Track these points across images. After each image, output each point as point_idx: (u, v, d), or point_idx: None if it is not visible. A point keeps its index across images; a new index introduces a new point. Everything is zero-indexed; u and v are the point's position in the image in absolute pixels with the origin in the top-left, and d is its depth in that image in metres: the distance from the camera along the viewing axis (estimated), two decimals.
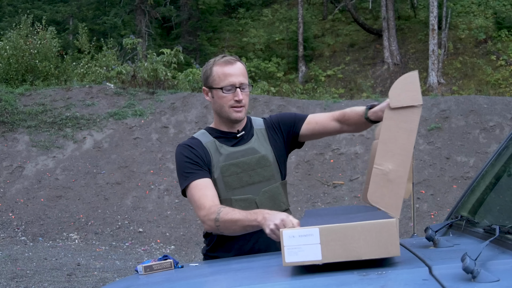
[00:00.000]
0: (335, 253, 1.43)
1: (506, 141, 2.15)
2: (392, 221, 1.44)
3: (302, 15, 21.52)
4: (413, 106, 1.65)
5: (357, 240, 1.42)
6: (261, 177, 2.20)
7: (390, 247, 1.42)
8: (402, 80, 1.68)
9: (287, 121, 2.30)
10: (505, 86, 17.76)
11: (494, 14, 20.37)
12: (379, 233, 1.42)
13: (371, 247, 1.42)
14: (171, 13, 23.58)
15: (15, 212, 9.12)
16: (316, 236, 1.43)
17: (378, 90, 19.17)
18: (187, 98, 11.84)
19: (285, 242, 1.45)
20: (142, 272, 1.91)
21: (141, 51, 14.21)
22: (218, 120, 2.26)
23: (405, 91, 1.67)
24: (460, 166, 9.85)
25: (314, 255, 1.43)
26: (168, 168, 10.13)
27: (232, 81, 2.16)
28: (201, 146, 2.20)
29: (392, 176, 1.61)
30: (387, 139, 1.65)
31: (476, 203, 2.14)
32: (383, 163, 1.63)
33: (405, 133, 1.64)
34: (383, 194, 1.61)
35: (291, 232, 1.45)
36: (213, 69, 2.20)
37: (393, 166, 1.61)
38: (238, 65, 2.19)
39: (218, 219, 2.01)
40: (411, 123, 1.64)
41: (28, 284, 5.89)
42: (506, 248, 1.49)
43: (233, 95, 2.16)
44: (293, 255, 1.44)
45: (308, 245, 1.43)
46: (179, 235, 8.63)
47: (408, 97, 1.66)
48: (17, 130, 10.89)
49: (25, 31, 14.30)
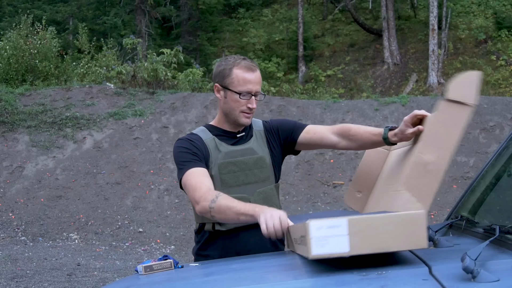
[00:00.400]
0: (363, 245, 1.39)
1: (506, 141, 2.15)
2: (422, 213, 1.42)
3: (302, 15, 21.52)
4: (467, 104, 1.65)
5: (386, 232, 1.39)
6: (257, 177, 2.22)
7: (418, 239, 1.40)
8: (465, 76, 1.68)
9: (286, 128, 2.32)
10: (505, 86, 17.76)
11: (494, 14, 20.37)
12: (409, 225, 1.40)
13: (400, 239, 1.39)
14: (171, 13, 23.59)
15: (15, 212, 9.12)
16: (344, 227, 1.39)
17: (378, 90, 19.18)
18: (187, 98, 11.84)
19: (312, 234, 1.39)
20: (142, 272, 1.91)
21: (141, 51, 14.21)
22: (223, 119, 2.27)
23: (464, 87, 1.67)
24: (460, 166, 9.85)
25: (341, 247, 1.39)
26: (168, 168, 10.13)
27: (250, 88, 2.17)
28: (201, 141, 2.22)
29: (431, 167, 1.61)
30: (436, 131, 1.65)
31: (476, 203, 2.14)
32: (426, 152, 1.63)
33: (454, 128, 1.64)
34: (419, 183, 1.60)
35: (319, 223, 1.40)
36: (233, 71, 2.19)
37: (435, 158, 1.61)
38: (257, 73, 2.21)
39: (215, 201, 1.98)
40: (462, 120, 1.65)
41: (28, 284, 5.89)
42: (506, 248, 1.49)
43: (247, 102, 2.18)
44: (320, 247, 1.39)
45: (336, 237, 1.39)
46: (179, 235, 8.63)
47: (465, 94, 1.66)
48: (17, 130, 10.89)
49: (25, 31, 14.30)
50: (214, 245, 2.24)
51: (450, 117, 1.65)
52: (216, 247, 2.23)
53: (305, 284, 1.38)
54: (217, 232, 2.21)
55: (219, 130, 2.26)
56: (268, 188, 2.25)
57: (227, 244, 2.21)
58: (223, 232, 2.21)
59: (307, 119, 11.16)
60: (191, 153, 2.16)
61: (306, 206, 9.04)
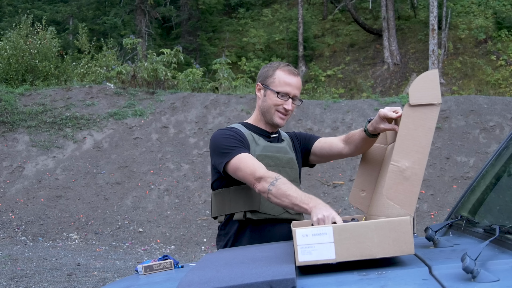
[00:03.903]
0: (349, 252, 1.42)
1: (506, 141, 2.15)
2: (406, 219, 1.44)
3: (302, 15, 21.52)
4: (432, 104, 1.65)
5: (371, 238, 1.41)
6: (288, 176, 2.25)
7: (404, 245, 1.41)
8: (422, 78, 1.68)
9: (304, 137, 2.48)
10: (505, 86, 17.76)
11: (494, 14, 20.37)
12: (393, 231, 1.42)
13: (385, 246, 1.41)
14: (171, 13, 23.59)
15: (15, 212, 9.12)
16: (330, 235, 1.42)
17: (378, 90, 19.17)
18: (187, 98, 11.84)
19: (298, 241, 1.43)
20: (142, 272, 1.91)
21: (141, 51, 14.21)
22: (260, 117, 2.38)
23: (424, 89, 1.67)
24: (460, 166, 9.85)
25: (328, 254, 1.42)
26: (168, 168, 10.13)
27: (289, 91, 2.29)
28: (241, 133, 2.31)
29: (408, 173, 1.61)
30: (405, 136, 1.65)
31: (476, 203, 2.14)
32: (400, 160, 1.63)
33: (423, 131, 1.64)
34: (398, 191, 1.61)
35: (304, 230, 1.43)
36: (276, 72, 2.31)
37: (410, 164, 1.61)
38: (298, 79, 2.34)
39: (275, 184, 2.02)
40: (430, 121, 1.64)
41: (28, 284, 5.89)
42: (506, 248, 1.49)
43: (283, 102, 2.29)
44: (306, 254, 1.42)
45: (322, 244, 1.42)
46: (179, 235, 8.62)
47: (427, 95, 1.66)
48: (17, 130, 10.89)
49: (25, 31, 14.30)
50: (243, 236, 2.28)
51: (418, 121, 1.65)
52: (243, 239, 2.27)
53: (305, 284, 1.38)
54: (247, 221, 2.25)
55: (255, 128, 2.37)
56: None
57: (255, 235, 2.25)
58: (253, 222, 2.25)
59: (307, 119, 11.16)
60: (238, 139, 2.24)
61: None
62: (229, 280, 1.38)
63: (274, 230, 2.26)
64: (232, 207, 2.26)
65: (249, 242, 2.24)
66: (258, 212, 2.22)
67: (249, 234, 2.26)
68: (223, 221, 2.34)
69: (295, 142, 2.45)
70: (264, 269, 1.45)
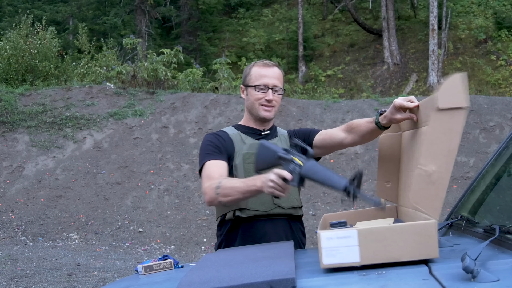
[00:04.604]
0: (374, 255, 1.42)
1: (506, 141, 2.15)
2: (432, 222, 1.44)
3: (302, 15, 21.52)
4: (460, 107, 1.64)
5: (397, 241, 1.42)
6: None
7: (429, 249, 1.42)
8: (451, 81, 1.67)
9: (305, 132, 2.48)
10: (505, 86, 17.76)
11: (494, 14, 20.36)
12: (419, 235, 1.42)
13: (410, 249, 1.42)
14: (171, 13, 23.59)
15: (15, 212, 9.12)
16: (355, 238, 1.43)
17: (378, 90, 19.17)
18: (187, 98, 11.84)
19: (323, 244, 1.44)
20: (142, 272, 1.91)
21: (141, 51, 14.22)
22: (248, 117, 2.41)
23: (452, 92, 1.65)
24: (460, 166, 9.85)
25: (352, 257, 1.43)
26: (168, 168, 10.13)
27: (266, 82, 2.32)
28: (227, 136, 2.35)
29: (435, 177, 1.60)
30: (434, 140, 1.64)
31: (476, 203, 2.14)
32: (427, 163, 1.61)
33: (451, 134, 1.62)
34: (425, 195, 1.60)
35: (329, 233, 1.44)
36: (252, 69, 2.38)
37: (436, 168, 1.60)
38: (275, 69, 2.36)
39: (219, 186, 2.08)
40: (457, 124, 1.63)
41: (28, 284, 5.89)
42: (506, 248, 1.49)
43: (264, 95, 2.32)
44: (331, 257, 1.43)
45: (346, 247, 1.43)
46: (179, 235, 8.62)
47: (456, 99, 1.65)
48: (17, 130, 10.89)
49: (25, 31, 14.30)
50: (235, 235, 2.29)
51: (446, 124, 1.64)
52: (236, 237, 2.28)
53: (304, 284, 1.38)
54: (238, 220, 2.27)
55: (245, 128, 2.40)
56: None
57: (247, 233, 2.26)
58: (244, 220, 2.26)
59: (307, 119, 11.16)
60: (213, 146, 2.28)
61: (306, 206, 9.04)
62: (229, 280, 1.38)
63: (267, 226, 2.26)
64: (224, 208, 2.29)
65: (242, 240, 2.25)
66: (246, 209, 2.24)
67: (241, 232, 2.27)
68: (219, 222, 2.37)
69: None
70: (264, 269, 1.45)
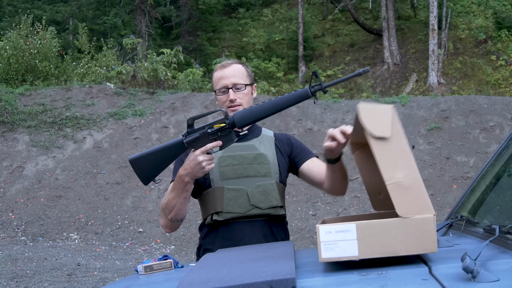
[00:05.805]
0: (372, 249, 1.43)
1: (506, 141, 2.15)
2: (430, 217, 1.45)
3: (302, 15, 21.52)
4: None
5: (394, 236, 1.43)
6: (256, 172, 2.25)
7: (427, 243, 1.42)
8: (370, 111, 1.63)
9: (299, 147, 2.38)
10: (505, 86, 17.76)
11: (494, 14, 20.37)
12: (417, 229, 1.43)
13: (408, 243, 1.42)
14: (171, 13, 23.60)
15: (15, 212, 9.12)
16: (353, 232, 1.43)
17: (378, 90, 19.18)
18: (187, 98, 11.85)
19: (322, 238, 1.44)
20: (142, 272, 1.91)
21: (141, 51, 14.22)
22: None
23: (378, 121, 1.63)
24: (460, 166, 9.85)
25: (351, 251, 1.43)
26: (168, 168, 10.11)
27: (224, 83, 2.29)
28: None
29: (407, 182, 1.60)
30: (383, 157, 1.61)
31: (476, 203, 2.14)
32: (392, 176, 1.61)
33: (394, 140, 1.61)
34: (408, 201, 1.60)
35: (327, 227, 1.44)
36: (213, 75, 2.36)
37: (402, 174, 1.60)
38: (232, 67, 2.31)
39: (162, 207, 2.21)
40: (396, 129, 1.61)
41: (28, 284, 5.89)
42: (506, 248, 1.49)
43: (227, 96, 2.29)
44: (329, 251, 1.43)
45: (345, 241, 1.43)
46: (179, 235, 8.62)
47: (383, 128, 1.62)
48: (17, 130, 10.89)
49: (25, 31, 14.31)
50: (214, 238, 2.28)
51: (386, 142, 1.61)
52: (215, 240, 2.27)
53: (304, 284, 1.38)
54: (216, 223, 2.25)
55: None
56: (268, 183, 2.26)
57: (226, 236, 2.25)
58: (222, 223, 2.24)
59: (307, 119, 11.16)
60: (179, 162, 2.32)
61: (306, 206, 9.04)
62: (229, 280, 1.38)
63: (245, 228, 2.23)
64: (204, 213, 2.30)
65: (221, 243, 2.23)
66: (222, 212, 2.22)
67: (220, 235, 2.25)
68: (199, 225, 2.38)
69: (280, 144, 2.37)
70: (264, 269, 1.45)
